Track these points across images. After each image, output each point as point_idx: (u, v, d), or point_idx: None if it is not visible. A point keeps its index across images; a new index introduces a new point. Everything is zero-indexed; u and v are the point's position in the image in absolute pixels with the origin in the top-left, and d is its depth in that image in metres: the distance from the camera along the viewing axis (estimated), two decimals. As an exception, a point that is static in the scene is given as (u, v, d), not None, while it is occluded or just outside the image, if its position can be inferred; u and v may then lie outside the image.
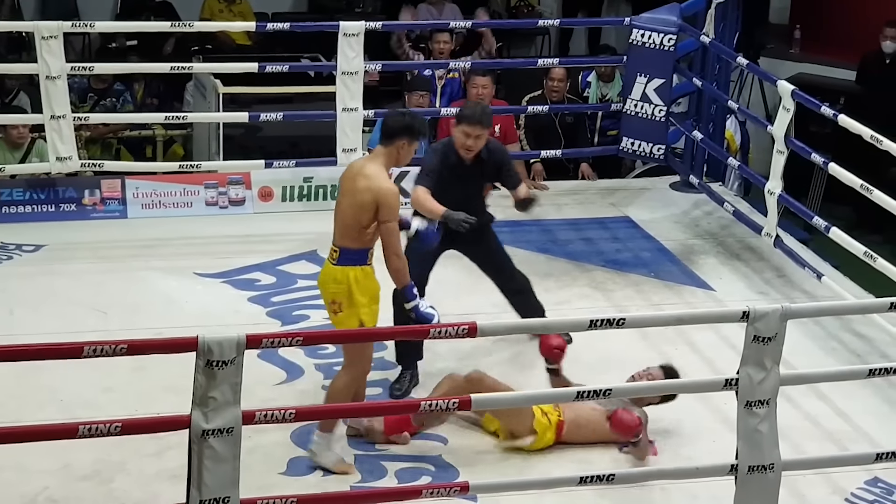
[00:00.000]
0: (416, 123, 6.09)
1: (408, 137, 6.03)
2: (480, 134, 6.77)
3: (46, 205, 8.89)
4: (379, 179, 5.94)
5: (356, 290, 5.98)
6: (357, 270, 5.98)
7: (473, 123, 6.74)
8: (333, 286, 6.02)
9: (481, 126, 6.76)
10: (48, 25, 8.58)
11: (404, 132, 6.03)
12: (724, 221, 9.23)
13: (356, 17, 9.83)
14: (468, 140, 6.76)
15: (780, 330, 5.27)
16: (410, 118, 6.12)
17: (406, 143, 6.03)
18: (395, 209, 5.94)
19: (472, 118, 6.76)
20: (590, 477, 5.40)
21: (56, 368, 5.80)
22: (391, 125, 6.08)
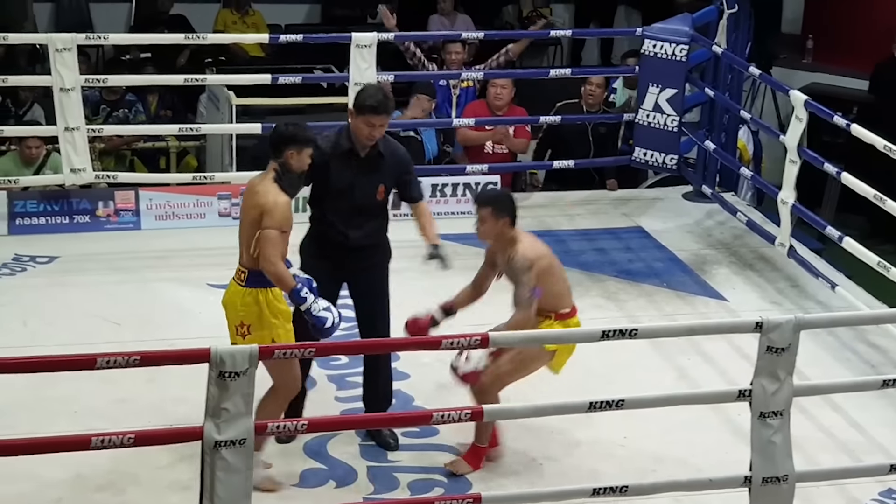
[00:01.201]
0: (299, 132, 5.96)
1: (295, 147, 5.91)
2: (384, 123, 6.29)
3: (60, 216, 8.91)
4: (267, 195, 5.85)
5: (267, 312, 5.87)
6: (266, 293, 5.87)
7: (379, 113, 6.24)
8: (242, 309, 5.89)
9: (387, 114, 6.28)
10: (62, 37, 8.61)
11: (290, 143, 5.92)
12: (737, 231, 9.22)
13: (369, 29, 9.86)
14: (372, 130, 6.26)
15: (794, 340, 5.26)
16: (294, 128, 5.98)
17: (295, 153, 5.92)
18: (276, 218, 5.80)
19: (377, 108, 6.22)
20: (602, 489, 5.40)
21: (70, 380, 5.80)
22: (275, 140, 5.98)
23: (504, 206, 6.14)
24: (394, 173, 6.45)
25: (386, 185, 6.45)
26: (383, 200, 6.48)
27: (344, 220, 6.35)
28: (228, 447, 4.91)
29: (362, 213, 6.39)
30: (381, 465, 6.26)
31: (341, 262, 6.38)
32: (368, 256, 6.45)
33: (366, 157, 6.35)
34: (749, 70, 9.07)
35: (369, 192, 6.37)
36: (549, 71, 10.15)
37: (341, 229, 6.36)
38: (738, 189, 9.86)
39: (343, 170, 6.32)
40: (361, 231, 6.38)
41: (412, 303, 7.74)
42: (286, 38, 9.41)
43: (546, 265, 6.12)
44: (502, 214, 6.11)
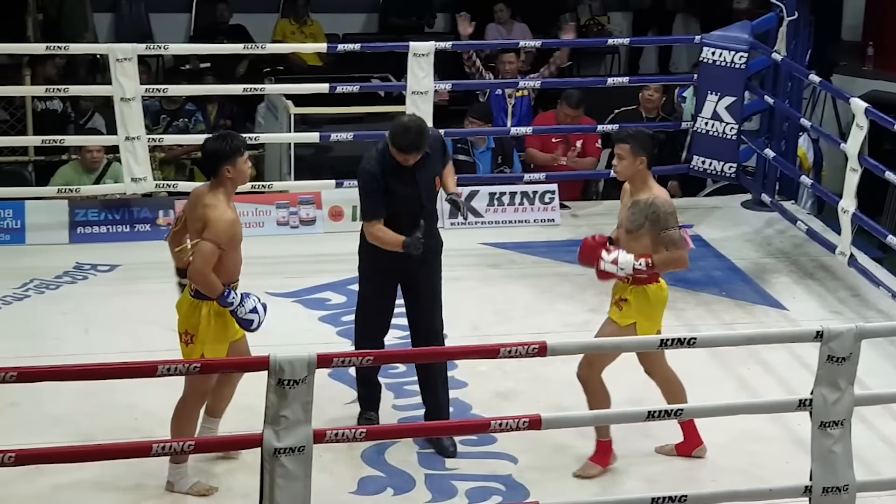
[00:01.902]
0: (224, 145, 5.86)
1: (228, 162, 5.84)
2: (417, 157, 6.31)
3: (121, 225, 8.99)
4: (215, 208, 5.80)
5: (204, 326, 5.87)
6: (211, 305, 5.87)
7: (408, 153, 6.28)
8: (188, 318, 5.91)
9: (418, 151, 6.28)
10: (122, 48, 8.69)
11: (222, 159, 5.84)
12: (797, 240, 9.16)
13: (426, 38, 9.87)
14: (406, 161, 6.30)
15: (855, 350, 5.22)
16: (219, 142, 5.90)
17: (231, 167, 5.84)
18: (217, 232, 5.76)
19: (409, 148, 6.26)
20: (661, 498, 5.37)
21: (130, 387, 5.84)
22: (207, 160, 5.94)
23: (643, 144, 6.09)
24: (437, 158, 6.53)
25: (438, 174, 6.57)
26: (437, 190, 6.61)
27: (408, 225, 6.33)
28: (287, 454, 4.93)
29: (426, 209, 6.44)
30: (438, 473, 6.26)
31: (402, 265, 6.39)
32: (427, 251, 6.44)
33: (414, 164, 6.37)
34: (809, 77, 9.02)
35: (431, 189, 6.49)
36: (606, 79, 10.12)
37: (406, 233, 6.32)
38: (798, 198, 9.80)
39: (401, 183, 6.35)
40: (425, 230, 6.36)
41: (468, 310, 7.78)
42: (344, 48, 9.46)
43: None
44: (640, 152, 6.06)
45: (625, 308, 6.11)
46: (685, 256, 6.07)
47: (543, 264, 8.71)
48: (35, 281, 8.22)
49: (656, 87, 9.86)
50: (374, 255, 6.41)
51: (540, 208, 9.39)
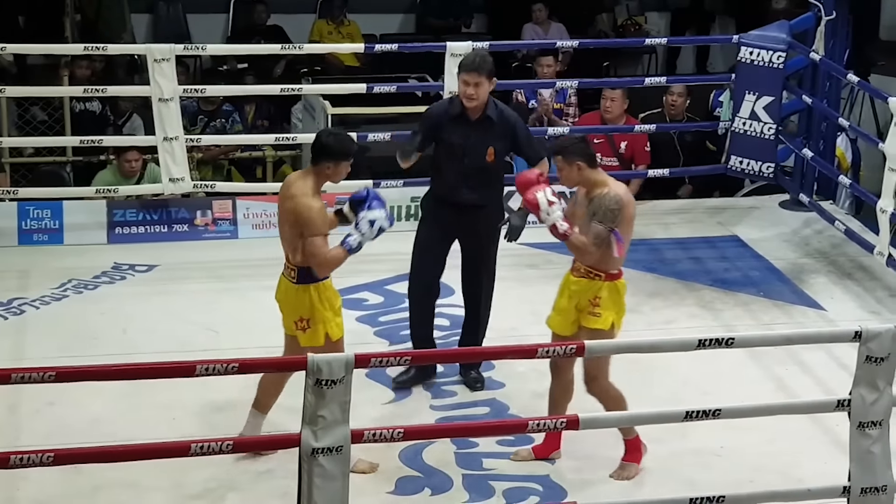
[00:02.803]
0: (338, 146, 5.99)
1: (332, 161, 5.95)
2: (479, 81, 6.63)
3: (159, 225, 9.03)
4: (301, 197, 5.92)
5: (319, 306, 6.00)
6: (318, 287, 6.01)
7: (470, 70, 6.64)
8: (298, 305, 6.02)
9: (478, 73, 6.62)
10: (160, 48, 8.73)
11: (328, 156, 5.96)
12: (835, 240, 9.12)
13: (463, 38, 9.87)
14: (468, 88, 6.65)
15: (894, 350, 5.20)
16: (333, 139, 6.03)
17: (332, 166, 5.96)
18: (316, 225, 5.88)
19: (469, 65, 6.65)
20: (699, 498, 5.36)
21: (169, 387, 5.87)
22: (316, 148, 6.02)
23: (574, 150, 6.10)
24: (504, 136, 6.81)
25: (496, 148, 6.80)
26: (495, 164, 6.84)
27: (457, 180, 6.78)
28: (325, 454, 4.94)
29: (474, 174, 6.78)
30: (476, 474, 6.26)
31: (453, 221, 6.84)
32: (479, 218, 6.83)
33: (476, 121, 6.75)
34: (847, 77, 8.98)
35: (480, 153, 6.76)
36: (643, 79, 10.10)
37: (454, 189, 6.79)
38: (836, 198, 9.76)
39: (454, 133, 6.76)
40: (472, 192, 6.79)
41: (508, 311, 7.77)
42: (381, 48, 9.46)
43: (629, 216, 6.07)
44: (573, 158, 6.07)
45: (600, 310, 6.07)
46: (595, 253, 6.01)
47: (580, 264, 8.69)
48: (73, 281, 8.27)
49: (679, 91, 9.84)
50: (432, 200, 6.96)
51: (576, 208, 9.36)
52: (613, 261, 6.08)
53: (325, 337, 6.03)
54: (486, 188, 6.86)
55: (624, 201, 6.03)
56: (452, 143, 6.78)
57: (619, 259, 6.09)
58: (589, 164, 6.10)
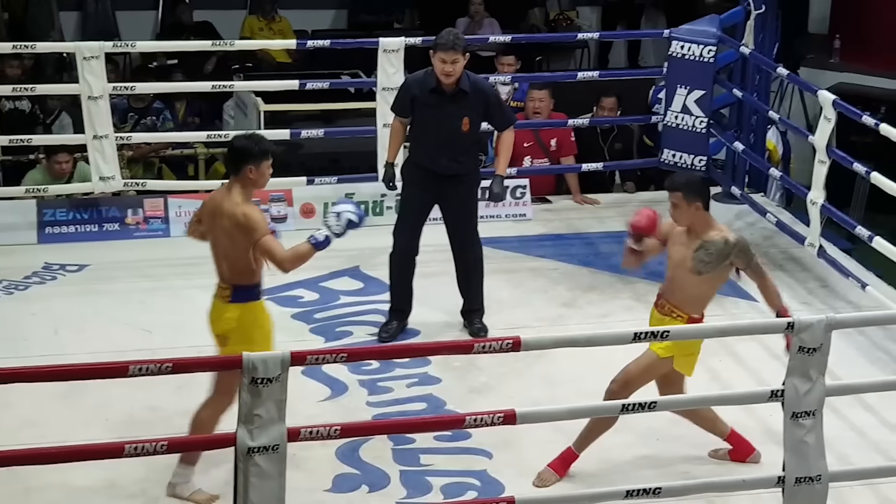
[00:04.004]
0: (254, 145, 5.87)
1: (252, 163, 5.82)
2: (456, 59, 7.08)
3: (90, 224, 8.95)
4: (233, 208, 5.78)
5: (249, 327, 5.86)
6: (252, 306, 5.88)
7: (447, 49, 7.06)
8: (228, 324, 5.88)
9: (454, 51, 7.07)
10: (89, 46, 8.65)
11: (247, 158, 5.83)
12: (767, 232, 9.19)
13: (396, 34, 9.86)
14: (446, 66, 7.08)
15: (825, 340, 5.25)
16: (248, 141, 5.90)
17: (254, 168, 5.82)
18: (256, 226, 5.75)
19: (445, 45, 7.07)
20: (635, 490, 5.38)
21: (101, 388, 5.82)
22: (232, 155, 5.91)
23: (697, 190, 6.07)
24: (478, 106, 7.26)
25: (471, 118, 7.25)
26: (470, 133, 7.28)
27: (434, 149, 7.21)
28: (261, 453, 4.92)
29: (449, 143, 7.20)
30: (413, 470, 6.26)
31: (431, 187, 7.27)
32: (456, 184, 7.28)
33: (451, 94, 7.18)
34: (777, 70, 9.05)
35: (454, 124, 7.19)
36: (576, 74, 10.13)
37: (432, 157, 7.22)
38: (767, 190, 9.83)
39: (428, 104, 7.19)
40: (450, 161, 7.22)
41: (442, 305, 7.78)
42: (313, 44, 9.42)
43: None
44: (693, 198, 6.03)
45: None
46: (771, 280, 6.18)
47: (516, 259, 8.72)
48: (3, 282, 8.17)
49: (610, 107, 9.83)
50: (412, 166, 7.36)
51: (511, 203, 9.38)
52: (703, 306, 6.10)
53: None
54: (464, 157, 7.27)
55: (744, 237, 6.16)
56: (428, 114, 7.20)
57: (704, 304, 6.10)
58: (705, 207, 6.08)
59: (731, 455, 6.30)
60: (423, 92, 7.21)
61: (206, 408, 5.92)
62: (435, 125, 7.21)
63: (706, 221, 6.08)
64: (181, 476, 5.94)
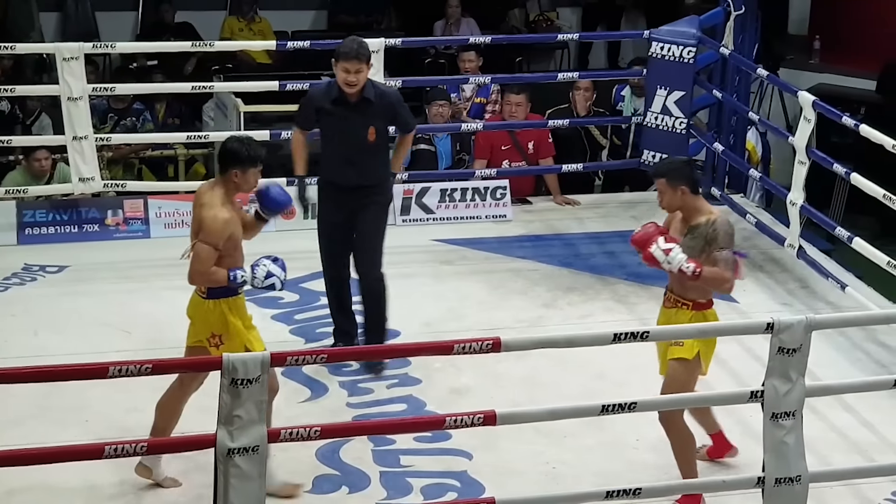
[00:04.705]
0: (244, 150, 5.85)
1: (239, 167, 5.83)
2: (360, 68, 6.88)
3: (69, 226, 8.92)
4: (210, 209, 5.79)
5: (232, 320, 5.88)
6: (229, 301, 5.89)
7: (350, 58, 6.87)
8: (210, 320, 5.89)
9: (358, 60, 6.87)
10: (69, 47, 8.63)
11: (234, 162, 5.83)
12: (747, 233, 9.21)
13: (375, 34, 9.85)
14: (349, 76, 6.88)
15: (805, 341, 5.26)
16: (239, 145, 5.89)
17: (240, 173, 5.83)
18: (212, 234, 5.75)
19: (348, 54, 6.87)
20: (616, 491, 5.38)
21: (81, 389, 5.81)
22: (221, 155, 5.91)
23: (680, 174, 5.98)
24: (384, 115, 7.07)
25: (377, 127, 7.04)
26: (377, 142, 7.07)
27: (340, 161, 7.03)
28: (241, 454, 4.91)
29: (356, 154, 7.02)
30: (393, 471, 6.25)
31: (343, 204, 7.07)
32: (365, 197, 7.06)
33: (355, 104, 6.98)
34: (756, 71, 9.07)
35: (360, 134, 7.00)
36: (556, 74, 10.13)
37: (339, 170, 7.04)
38: (746, 191, 9.85)
39: (334, 115, 7.00)
40: (357, 171, 7.02)
41: (421, 307, 7.78)
42: (293, 45, 9.43)
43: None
44: (679, 182, 5.95)
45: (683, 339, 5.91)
46: (732, 280, 5.92)
47: (496, 260, 8.73)
48: (-17, 283, 8.16)
49: (586, 86, 9.87)
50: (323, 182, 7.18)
51: (491, 204, 9.39)
52: (706, 291, 5.97)
53: (245, 350, 5.84)
54: (371, 168, 7.08)
55: (732, 224, 5.98)
56: (333, 126, 7.04)
57: (708, 289, 5.97)
58: (692, 190, 5.97)
59: (709, 452, 6.30)
60: (327, 103, 7.01)
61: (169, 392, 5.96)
62: (340, 136, 7.03)
63: (695, 206, 5.99)
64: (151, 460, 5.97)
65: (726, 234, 5.90)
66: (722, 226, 5.90)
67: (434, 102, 9.60)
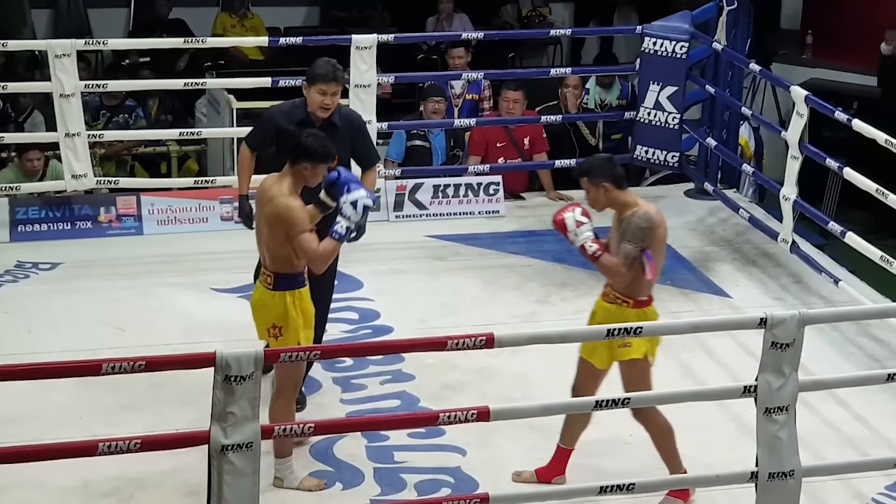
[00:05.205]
0: (319, 147, 5.88)
1: (310, 162, 5.85)
2: (336, 91, 6.54)
3: (62, 223, 8.91)
4: (279, 202, 5.83)
5: (293, 315, 5.91)
6: (294, 294, 5.92)
7: (328, 81, 6.51)
8: (273, 311, 5.93)
9: (336, 83, 6.53)
10: (61, 44, 8.61)
11: (307, 157, 5.86)
12: (740, 228, 9.22)
13: (368, 30, 9.84)
14: (325, 98, 6.51)
15: (798, 336, 5.26)
16: (314, 140, 5.91)
17: (311, 167, 5.86)
18: (296, 222, 5.79)
19: (325, 76, 6.51)
20: (610, 486, 5.40)
21: (75, 386, 5.80)
22: (294, 148, 5.93)
23: (599, 171, 5.89)
24: (348, 140, 6.63)
25: (340, 154, 6.40)
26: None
27: None
28: (235, 451, 4.91)
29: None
30: (387, 467, 6.25)
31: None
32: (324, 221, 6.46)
33: (320, 127, 6.43)
34: (749, 66, 9.08)
35: None
36: (549, 70, 10.13)
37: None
38: (740, 186, 9.86)
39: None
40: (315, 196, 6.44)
41: (415, 303, 7.78)
42: (286, 41, 9.41)
43: (661, 236, 5.84)
44: (599, 179, 5.86)
45: (630, 339, 5.81)
46: (626, 274, 5.82)
47: (489, 256, 8.73)
48: (-24, 280, 8.15)
49: (574, 84, 9.87)
50: None
51: (484, 200, 9.39)
52: (642, 286, 5.88)
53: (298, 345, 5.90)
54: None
55: (655, 220, 5.81)
56: None
57: (647, 284, 5.87)
58: (616, 185, 5.87)
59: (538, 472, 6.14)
60: (290, 125, 6.53)
61: (276, 402, 5.94)
62: None
63: (622, 200, 5.88)
64: (283, 470, 6.00)
65: (637, 229, 5.81)
66: (637, 219, 5.82)
67: (430, 99, 9.59)
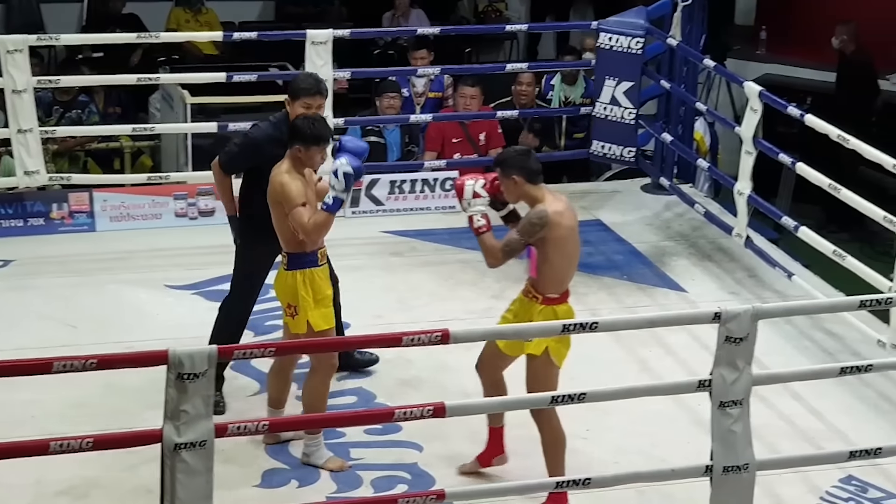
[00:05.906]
0: (309, 129, 6.00)
1: (301, 143, 6.00)
2: (321, 104, 6.49)
3: (14, 219, 8.83)
4: (275, 176, 6.01)
5: (304, 293, 6.03)
6: (306, 273, 6.05)
7: (313, 94, 6.44)
8: (287, 289, 6.08)
9: (321, 95, 6.49)
10: (13, 39, 8.54)
11: (297, 138, 6.02)
12: (695, 223, 9.25)
13: (323, 26, 9.81)
14: (310, 112, 6.40)
15: (752, 330, 5.27)
16: (304, 122, 6.05)
17: (302, 149, 6.00)
18: (289, 196, 5.93)
19: (310, 90, 6.44)
20: (565, 481, 5.41)
21: (26, 384, 5.74)
22: (290, 129, 6.14)
23: (511, 163, 5.83)
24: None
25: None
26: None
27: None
28: (188, 449, 4.87)
29: None
30: (343, 464, 6.24)
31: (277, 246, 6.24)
32: None
33: None
34: (704, 62, 9.10)
35: None
36: (505, 65, 10.13)
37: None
38: (695, 180, 9.89)
39: (279, 157, 6.20)
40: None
41: (371, 298, 7.76)
42: (240, 36, 9.37)
43: (557, 237, 5.78)
44: (510, 171, 5.81)
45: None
46: (500, 259, 5.88)
47: (445, 251, 8.72)
48: (-73, 278, 8.07)
49: (528, 81, 9.89)
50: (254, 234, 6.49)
51: (441, 195, 9.38)
52: (548, 283, 5.85)
53: (307, 325, 6.03)
54: None
55: (550, 220, 5.73)
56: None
57: (556, 282, 5.84)
58: (527, 179, 5.80)
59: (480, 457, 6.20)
60: (279, 148, 6.22)
61: (311, 379, 6.16)
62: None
63: (532, 195, 5.83)
64: (311, 446, 6.15)
65: (528, 223, 5.79)
66: (532, 214, 5.79)
67: (385, 95, 9.58)
